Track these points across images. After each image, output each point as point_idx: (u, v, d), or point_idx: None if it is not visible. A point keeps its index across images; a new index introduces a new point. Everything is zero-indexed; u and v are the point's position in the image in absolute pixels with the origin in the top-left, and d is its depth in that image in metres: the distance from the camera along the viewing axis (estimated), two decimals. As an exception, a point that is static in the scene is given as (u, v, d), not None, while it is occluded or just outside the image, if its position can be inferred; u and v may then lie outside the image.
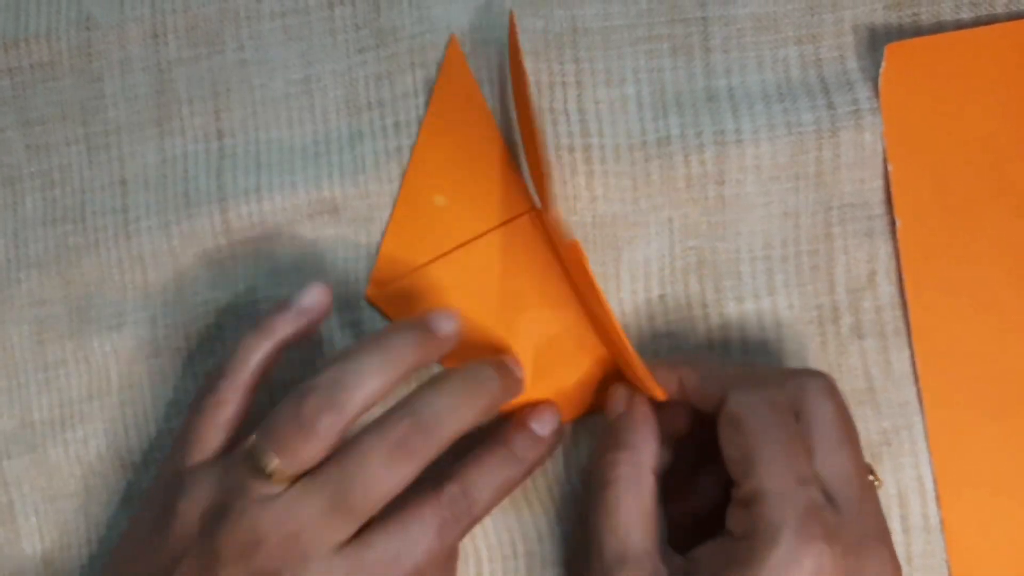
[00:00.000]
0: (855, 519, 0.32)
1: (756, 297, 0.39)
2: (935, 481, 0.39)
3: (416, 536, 0.33)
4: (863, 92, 0.39)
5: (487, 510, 0.35)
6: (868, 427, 0.39)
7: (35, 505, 0.40)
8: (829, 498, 0.32)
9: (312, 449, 0.33)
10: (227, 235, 0.40)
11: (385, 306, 0.36)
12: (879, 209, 0.40)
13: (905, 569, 0.39)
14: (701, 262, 0.39)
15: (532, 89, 0.39)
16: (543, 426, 0.37)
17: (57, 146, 0.41)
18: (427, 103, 0.39)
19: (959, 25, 0.40)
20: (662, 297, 0.39)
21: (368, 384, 0.33)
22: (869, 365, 0.39)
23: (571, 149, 0.39)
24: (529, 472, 0.36)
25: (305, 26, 0.40)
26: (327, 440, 0.33)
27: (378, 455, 0.32)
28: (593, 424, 0.39)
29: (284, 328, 0.36)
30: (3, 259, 0.40)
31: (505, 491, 0.35)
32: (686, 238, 0.39)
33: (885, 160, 0.39)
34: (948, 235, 0.39)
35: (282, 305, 0.36)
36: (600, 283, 0.39)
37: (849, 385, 0.39)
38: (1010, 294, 0.39)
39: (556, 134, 0.39)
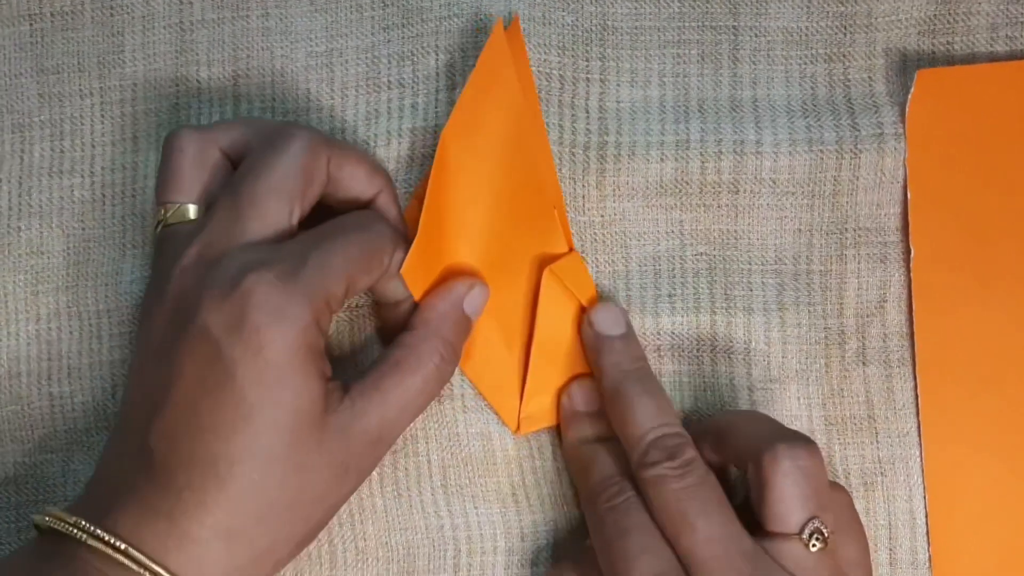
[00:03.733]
0: None
1: (765, 310, 0.39)
2: (927, 516, 0.39)
3: (340, 248, 0.33)
4: (889, 116, 0.39)
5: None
6: (864, 454, 0.39)
7: (15, 457, 0.39)
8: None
9: (182, 179, 0.35)
10: None
11: (416, 285, 0.36)
12: (894, 236, 0.39)
13: (889, 603, 0.39)
14: (712, 269, 0.39)
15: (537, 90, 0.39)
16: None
17: (71, 97, 0.40)
18: (448, 87, 0.39)
19: (993, 57, 0.39)
20: (671, 297, 0.39)
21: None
22: (871, 392, 0.39)
23: (586, 147, 0.39)
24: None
25: (332, -1, 0.40)
26: (196, 165, 0.35)
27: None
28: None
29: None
30: (5, 206, 0.40)
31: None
32: (696, 243, 0.39)
33: (905, 187, 0.39)
34: (962, 269, 0.39)
35: None
36: (610, 281, 0.39)
37: (849, 411, 0.39)
38: (1020, 334, 0.39)
39: (574, 131, 0.39)
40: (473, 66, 0.37)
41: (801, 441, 0.33)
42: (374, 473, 0.38)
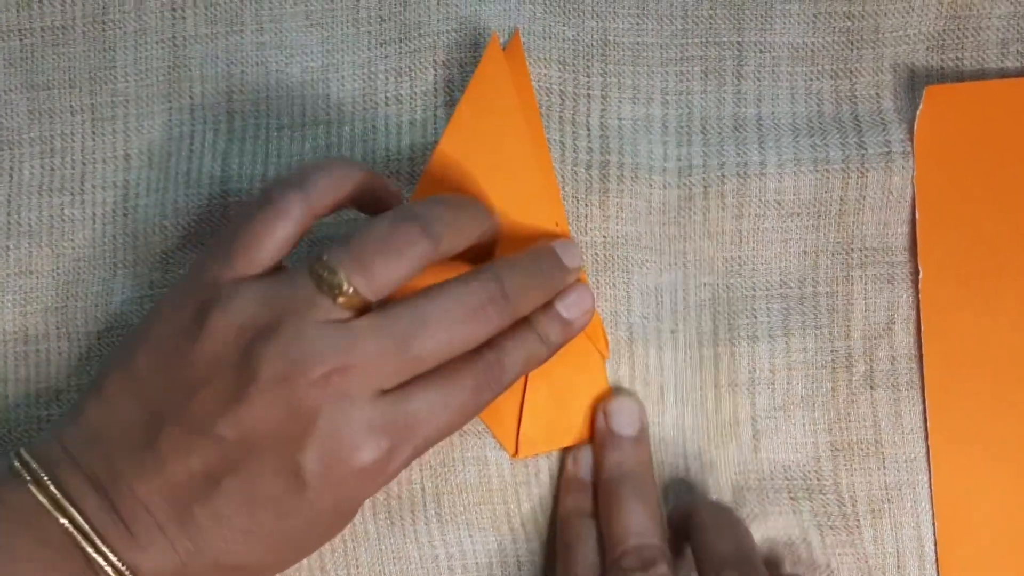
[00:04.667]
0: None
1: (771, 337, 0.38)
2: (936, 544, 0.38)
3: (454, 394, 0.32)
4: (896, 134, 0.38)
5: (513, 381, 0.34)
6: (871, 480, 0.38)
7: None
8: None
9: (394, 276, 0.31)
10: (225, 222, 0.39)
11: None
12: (902, 256, 0.39)
13: (897, 635, 0.38)
14: (715, 299, 0.38)
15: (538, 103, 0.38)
16: (568, 308, 0.35)
17: (61, 113, 0.40)
18: (447, 103, 0.38)
19: (1003, 73, 0.39)
20: (673, 333, 0.38)
21: (465, 227, 0.33)
22: (879, 417, 0.38)
23: (588, 166, 0.38)
24: (553, 352, 0.35)
25: (328, 13, 0.39)
26: (411, 272, 0.32)
27: (458, 310, 0.32)
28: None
29: (373, 176, 0.34)
30: (-7, 224, 0.39)
31: (530, 366, 0.35)
32: (700, 274, 0.38)
33: (913, 206, 0.38)
34: (972, 290, 0.38)
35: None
36: (610, 305, 0.38)
37: (856, 436, 0.38)
38: (1031, 357, 0.38)
39: (575, 149, 0.38)
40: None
41: None
42: (366, 500, 0.37)
